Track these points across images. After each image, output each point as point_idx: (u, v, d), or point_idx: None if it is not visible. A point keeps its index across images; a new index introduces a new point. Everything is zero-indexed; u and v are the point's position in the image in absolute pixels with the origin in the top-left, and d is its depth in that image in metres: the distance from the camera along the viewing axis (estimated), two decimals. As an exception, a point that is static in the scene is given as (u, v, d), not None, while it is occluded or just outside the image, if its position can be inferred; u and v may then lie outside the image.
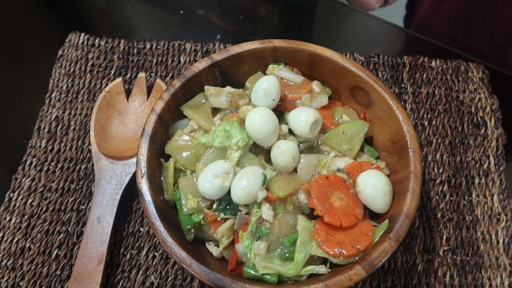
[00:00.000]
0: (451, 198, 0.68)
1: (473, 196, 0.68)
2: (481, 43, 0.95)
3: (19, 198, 0.68)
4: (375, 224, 0.54)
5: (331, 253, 0.50)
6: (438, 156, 0.71)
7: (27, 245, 0.65)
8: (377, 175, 0.53)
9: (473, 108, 0.75)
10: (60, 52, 0.81)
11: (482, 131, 0.73)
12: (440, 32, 1.01)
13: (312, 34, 0.91)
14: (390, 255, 0.49)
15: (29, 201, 0.68)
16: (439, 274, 0.62)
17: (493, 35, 0.93)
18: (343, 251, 0.50)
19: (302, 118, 0.55)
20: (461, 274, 0.62)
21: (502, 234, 0.65)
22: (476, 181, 0.69)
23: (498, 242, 0.65)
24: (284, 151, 0.54)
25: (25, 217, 0.67)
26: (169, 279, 0.62)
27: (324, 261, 0.53)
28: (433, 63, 0.79)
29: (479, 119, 0.74)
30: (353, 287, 0.58)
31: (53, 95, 0.77)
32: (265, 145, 0.56)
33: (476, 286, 0.62)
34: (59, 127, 0.74)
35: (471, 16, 0.93)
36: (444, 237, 0.65)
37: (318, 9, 0.93)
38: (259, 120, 0.54)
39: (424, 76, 0.78)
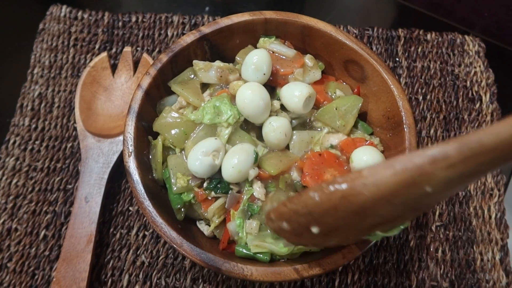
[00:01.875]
0: (445, 174, 0.67)
1: (467, 171, 0.67)
2: (477, 16, 0.93)
3: (4, 178, 0.66)
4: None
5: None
6: (432, 131, 0.70)
7: (14, 226, 0.63)
8: (371, 152, 0.52)
9: (468, 82, 0.74)
10: (41, 26, 0.78)
11: (477, 105, 0.72)
12: (439, 9, 0.98)
13: (305, 6, 0.88)
14: (384, 233, 0.48)
15: (14, 181, 0.66)
16: (431, 249, 0.62)
17: (491, 7, 0.91)
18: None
19: (295, 93, 0.54)
20: (453, 249, 0.63)
21: (494, 209, 0.65)
22: (470, 156, 0.68)
23: (490, 217, 0.65)
24: (276, 128, 0.52)
25: (10, 197, 0.65)
26: (160, 258, 0.61)
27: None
28: (429, 36, 0.77)
29: (474, 94, 0.73)
30: (346, 264, 0.57)
31: (35, 71, 0.74)
32: (256, 121, 0.54)
33: (467, 261, 0.62)
34: (42, 105, 0.72)
35: None
36: (437, 213, 0.65)
37: (310, -21, 0.90)
38: (250, 96, 0.52)
39: (419, 49, 0.76)
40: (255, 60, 0.54)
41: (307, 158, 0.53)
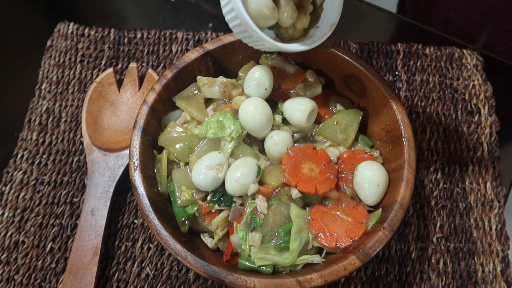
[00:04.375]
0: (445, 186, 0.68)
1: (467, 183, 0.68)
2: (475, 29, 0.94)
3: (11, 191, 0.67)
4: (371, 209, 0.54)
5: (327, 245, 0.50)
6: (432, 144, 0.71)
7: (21, 239, 0.64)
8: (375, 167, 0.54)
9: (467, 95, 0.75)
10: (49, 43, 0.80)
11: (476, 118, 0.73)
12: (436, 21, 1.00)
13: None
14: (385, 244, 0.49)
15: (22, 194, 0.67)
16: (433, 261, 0.63)
17: (487, 20, 0.93)
18: (341, 244, 0.50)
19: (298, 107, 0.55)
20: (454, 260, 0.63)
21: (494, 220, 0.66)
22: (470, 168, 0.69)
23: (490, 228, 0.65)
24: (277, 142, 0.54)
25: (18, 210, 0.66)
26: (165, 270, 0.62)
27: (319, 250, 0.53)
28: (427, 50, 0.79)
29: (473, 106, 0.74)
30: (348, 276, 0.58)
31: (43, 87, 0.76)
32: (258, 136, 0.55)
33: (469, 272, 0.62)
34: (50, 119, 0.73)
35: (468, 5, 0.92)
36: (438, 225, 0.65)
37: (311, -4, 0.92)
38: (252, 111, 0.53)
39: (418, 63, 0.78)
40: (257, 76, 0.56)
41: (285, 154, 0.54)
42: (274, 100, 0.59)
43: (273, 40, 0.50)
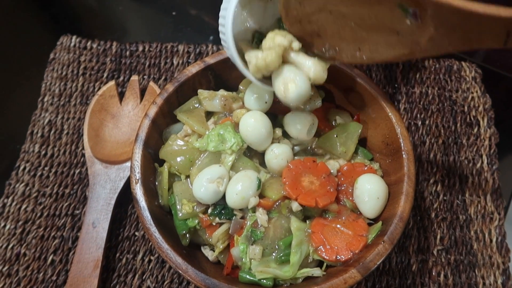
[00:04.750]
0: (445, 198, 0.68)
1: (467, 195, 0.69)
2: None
3: (13, 204, 0.68)
4: (371, 221, 0.54)
5: (327, 258, 0.50)
6: (431, 156, 0.72)
7: (22, 251, 0.64)
8: (376, 180, 0.54)
9: (466, 108, 0.76)
10: (51, 55, 0.81)
11: (475, 130, 0.74)
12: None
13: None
14: (385, 258, 0.49)
15: (23, 206, 0.67)
16: (434, 273, 0.63)
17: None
18: (341, 257, 0.50)
19: (299, 121, 0.56)
20: (455, 273, 0.63)
21: (495, 233, 0.66)
22: (470, 180, 0.70)
23: (491, 241, 0.65)
24: (278, 155, 0.54)
25: (20, 223, 0.66)
26: (165, 283, 0.62)
27: (319, 263, 0.53)
28: (426, 63, 0.80)
29: (472, 119, 0.75)
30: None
31: (45, 99, 0.77)
32: (259, 149, 0.56)
33: (470, 285, 0.62)
34: (52, 132, 0.74)
35: None
36: (438, 237, 0.65)
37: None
38: (253, 124, 0.54)
39: (417, 75, 0.79)
40: (257, 90, 0.56)
41: (285, 166, 0.54)
42: (274, 112, 0.60)
43: (248, 73, 0.52)
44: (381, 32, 0.42)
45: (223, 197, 0.53)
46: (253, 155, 0.58)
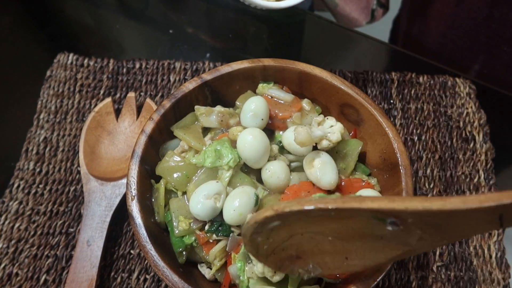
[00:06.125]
0: (443, 213, 0.68)
1: (465, 210, 0.68)
2: (464, 54, 0.97)
3: (6, 222, 0.66)
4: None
5: (327, 275, 0.50)
6: (428, 171, 0.72)
7: (15, 271, 0.63)
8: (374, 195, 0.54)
9: (461, 123, 0.76)
10: (48, 73, 0.81)
11: (471, 145, 0.74)
12: (427, 47, 1.02)
13: (301, 51, 0.92)
14: (384, 274, 0.48)
15: (17, 225, 0.66)
16: (434, 290, 0.62)
17: (478, 49, 0.95)
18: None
19: None
20: (455, 290, 0.62)
21: (494, 248, 0.65)
22: (467, 195, 0.69)
23: (490, 256, 0.65)
24: (274, 172, 0.54)
25: (12, 241, 0.65)
26: (161, 302, 0.61)
27: (318, 280, 0.52)
28: (421, 79, 0.81)
29: (468, 134, 0.75)
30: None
31: (41, 116, 0.76)
32: (255, 166, 0.55)
33: (470, 302, 0.62)
34: (47, 149, 0.73)
35: (457, 31, 0.95)
36: (438, 253, 0.65)
37: (306, 27, 0.94)
38: (250, 141, 0.54)
39: (413, 91, 0.79)
40: (253, 107, 0.56)
41: (283, 194, 0.54)
42: (271, 128, 0.60)
43: None
44: (364, 239, 0.39)
45: (221, 213, 0.53)
46: (250, 171, 0.57)
